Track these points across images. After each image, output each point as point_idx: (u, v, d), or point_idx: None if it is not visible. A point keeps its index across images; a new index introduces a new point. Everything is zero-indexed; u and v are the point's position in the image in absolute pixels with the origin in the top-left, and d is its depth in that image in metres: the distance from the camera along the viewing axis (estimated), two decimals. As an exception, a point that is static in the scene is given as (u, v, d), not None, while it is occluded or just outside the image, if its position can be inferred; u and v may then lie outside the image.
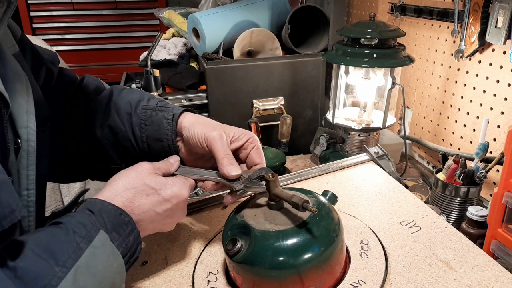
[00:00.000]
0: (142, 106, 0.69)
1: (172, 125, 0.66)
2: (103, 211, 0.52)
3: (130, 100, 0.71)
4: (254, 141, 0.65)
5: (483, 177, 0.90)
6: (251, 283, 0.57)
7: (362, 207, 0.78)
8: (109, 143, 0.70)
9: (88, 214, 0.51)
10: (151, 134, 0.67)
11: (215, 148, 0.62)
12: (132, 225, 0.54)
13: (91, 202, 0.53)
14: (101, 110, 0.71)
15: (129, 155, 0.70)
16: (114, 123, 0.69)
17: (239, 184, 0.60)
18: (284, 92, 1.41)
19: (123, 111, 0.70)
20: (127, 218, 0.53)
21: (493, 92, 1.01)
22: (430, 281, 0.59)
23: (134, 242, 0.54)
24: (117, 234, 0.51)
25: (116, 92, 0.73)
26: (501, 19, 0.93)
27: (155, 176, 0.58)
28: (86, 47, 3.14)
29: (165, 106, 0.69)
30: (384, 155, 0.94)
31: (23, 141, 0.54)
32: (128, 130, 0.69)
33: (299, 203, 0.54)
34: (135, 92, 0.74)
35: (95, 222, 0.50)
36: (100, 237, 0.49)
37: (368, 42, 1.05)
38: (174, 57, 1.80)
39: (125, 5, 3.07)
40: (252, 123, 1.15)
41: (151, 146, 0.68)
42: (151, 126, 0.67)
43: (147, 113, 0.68)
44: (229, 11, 1.54)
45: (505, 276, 0.59)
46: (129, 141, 0.69)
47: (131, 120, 0.69)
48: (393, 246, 0.66)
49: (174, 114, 0.67)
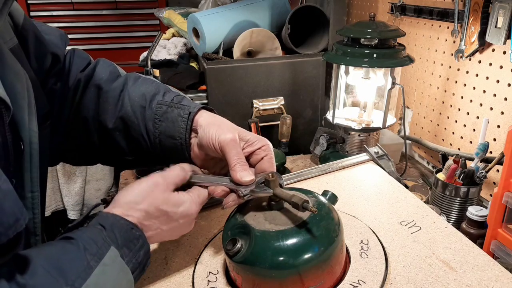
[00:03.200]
0: (157, 100, 0.67)
1: (187, 124, 0.65)
2: (114, 226, 0.52)
3: (145, 92, 0.69)
4: (268, 149, 0.63)
5: (483, 177, 0.90)
6: (251, 283, 0.57)
7: (362, 207, 0.78)
8: (120, 135, 0.68)
9: (99, 229, 0.51)
10: (165, 130, 0.66)
11: (229, 153, 0.60)
12: (142, 240, 0.54)
13: (103, 216, 0.53)
14: (114, 101, 0.69)
15: (140, 148, 0.68)
16: (127, 115, 0.67)
17: (246, 189, 0.58)
18: (284, 92, 1.41)
19: (137, 103, 0.68)
20: (138, 232, 0.54)
21: (493, 92, 1.01)
22: (430, 281, 0.59)
23: (144, 257, 0.54)
24: (127, 249, 0.52)
25: (130, 82, 0.71)
26: (501, 19, 0.93)
27: (167, 194, 0.57)
28: (86, 47, 3.13)
29: (181, 103, 0.67)
30: (384, 155, 0.94)
31: (26, 143, 0.53)
32: (141, 123, 0.67)
33: (299, 203, 0.53)
34: (150, 82, 0.71)
35: (106, 237, 0.50)
36: (110, 254, 0.49)
37: (368, 42, 1.05)
38: (174, 57, 1.80)
39: (125, 5, 3.07)
40: (252, 123, 1.15)
41: (163, 142, 0.66)
42: (165, 123, 0.66)
43: (162, 108, 0.66)
44: (229, 11, 1.54)
45: (505, 276, 0.59)
46: (141, 135, 0.67)
47: (144, 113, 0.67)
48: (393, 246, 0.66)
49: (190, 113, 0.65)
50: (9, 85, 0.51)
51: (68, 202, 1.88)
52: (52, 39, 0.69)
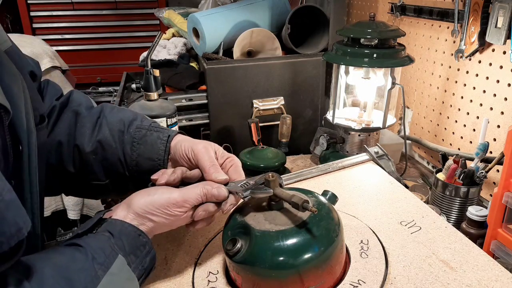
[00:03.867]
0: (136, 125, 0.71)
1: (166, 146, 0.68)
2: (122, 233, 0.53)
3: (123, 118, 0.72)
4: (234, 160, 0.66)
5: (483, 177, 0.90)
6: (251, 283, 0.57)
7: (362, 207, 0.78)
8: (96, 158, 0.70)
9: (108, 236, 0.52)
10: (143, 153, 0.69)
11: (202, 159, 0.63)
12: (149, 246, 0.56)
13: (111, 223, 0.55)
14: (91, 126, 0.71)
15: (115, 171, 0.70)
16: (105, 139, 0.69)
17: (246, 191, 0.59)
18: (284, 92, 1.40)
19: (115, 128, 0.70)
20: (145, 239, 0.56)
21: (493, 92, 1.01)
22: (430, 281, 0.59)
23: (150, 263, 0.56)
24: (134, 256, 0.53)
25: (107, 110, 0.74)
26: (501, 19, 0.93)
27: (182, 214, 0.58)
28: (86, 47, 3.13)
29: (159, 127, 0.71)
30: (384, 155, 0.94)
31: (24, 145, 0.54)
32: (118, 147, 0.69)
33: (299, 203, 0.54)
34: (127, 110, 0.75)
35: (114, 245, 0.51)
36: (118, 263, 0.50)
37: (368, 42, 1.05)
38: (174, 57, 1.80)
39: (125, 5, 3.07)
40: (252, 123, 1.14)
41: (141, 164, 0.69)
42: (143, 145, 0.69)
43: (141, 132, 0.70)
44: (229, 11, 1.54)
45: (505, 275, 0.59)
46: (118, 158, 0.69)
47: (123, 137, 0.70)
48: (393, 246, 0.66)
49: (169, 136, 0.69)
50: (6, 86, 0.51)
51: (68, 202, 1.88)
52: (29, 60, 0.70)
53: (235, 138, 1.42)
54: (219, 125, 1.41)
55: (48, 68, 1.95)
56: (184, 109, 1.41)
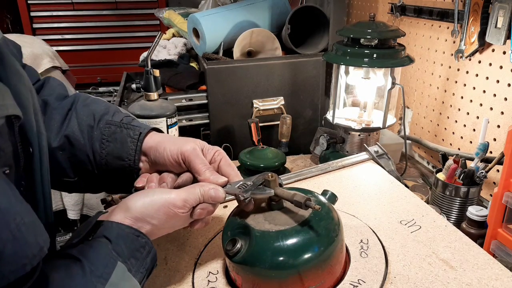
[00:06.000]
0: (106, 120, 0.66)
1: (136, 145, 0.64)
2: (120, 237, 0.51)
3: (94, 112, 0.67)
4: (221, 154, 0.64)
5: (483, 177, 0.90)
6: (251, 283, 0.57)
7: (361, 206, 0.78)
8: (64, 155, 0.65)
9: (105, 243, 0.50)
10: (112, 151, 0.64)
11: (194, 162, 0.61)
12: (149, 246, 0.54)
13: (107, 226, 0.52)
14: (60, 118, 0.66)
15: (84, 169, 0.66)
16: (73, 134, 0.65)
17: (246, 192, 0.58)
18: (284, 92, 1.41)
19: (85, 122, 0.66)
20: (144, 239, 0.53)
21: (493, 92, 1.01)
22: (430, 280, 0.59)
23: (151, 263, 0.54)
24: (134, 259, 0.51)
25: (80, 101, 0.69)
26: (501, 19, 0.93)
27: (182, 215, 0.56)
28: (86, 47, 3.14)
29: (131, 124, 0.66)
30: (384, 154, 0.94)
31: (35, 147, 0.52)
32: (87, 143, 0.65)
33: (301, 201, 0.54)
34: (100, 103, 0.70)
35: (112, 252, 0.49)
36: (117, 271, 0.48)
37: (368, 42, 1.05)
38: (174, 57, 1.80)
39: (125, 5, 3.07)
40: (252, 123, 1.15)
41: (110, 164, 0.65)
42: (113, 143, 0.64)
43: (111, 128, 0.65)
44: (229, 11, 1.54)
45: (505, 274, 0.59)
46: (86, 156, 0.65)
47: (92, 133, 0.65)
48: (393, 245, 0.66)
49: (141, 134, 0.64)
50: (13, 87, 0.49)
51: (68, 202, 1.88)
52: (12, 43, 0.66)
53: (235, 138, 1.42)
54: (219, 125, 1.41)
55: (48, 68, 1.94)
56: (184, 109, 1.41)
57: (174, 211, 0.55)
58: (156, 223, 0.54)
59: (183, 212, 0.56)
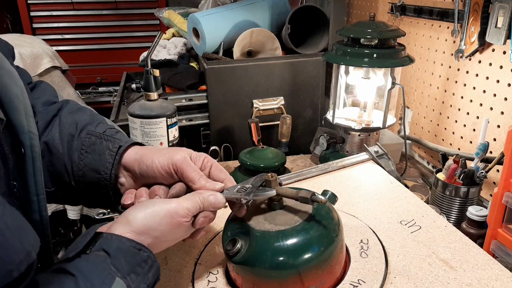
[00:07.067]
0: (88, 130, 0.63)
1: (114, 158, 0.61)
2: (120, 250, 0.48)
3: (78, 120, 0.65)
4: (210, 160, 0.62)
5: (483, 177, 0.90)
6: (251, 283, 0.57)
7: (361, 207, 0.78)
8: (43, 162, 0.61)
9: (103, 257, 0.47)
10: (90, 163, 0.62)
11: (186, 170, 0.59)
12: (151, 260, 0.51)
13: (107, 239, 0.49)
14: (43, 124, 0.64)
15: (62, 180, 0.63)
16: (53, 141, 0.62)
17: (248, 195, 0.57)
18: (284, 92, 1.41)
19: (66, 130, 0.63)
20: (146, 253, 0.50)
21: (493, 92, 1.01)
22: (430, 280, 0.59)
23: (153, 278, 0.51)
24: (135, 275, 0.48)
25: (66, 108, 0.67)
26: (501, 19, 0.93)
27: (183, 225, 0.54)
28: (86, 47, 3.14)
29: (112, 136, 0.63)
30: (384, 154, 0.94)
31: (27, 147, 0.51)
32: (65, 152, 0.62)
33: (307, 196, 0.54)
34: (86, 112, 0.67)
35: (110, 267, 0.46)
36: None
37: (368, 42, 1.05)
38: (174, 57, 1.80)
39: (125, 5, 3.07)
40: (252, 123, 1.15)
41: (87, 176, 0.62)
42: (91, 155, 0.62)
43: (91, 139, 0.62)
44: (229, 11, 1.54)
45: (505, 275, 0.59)
46: (63, 165, 0.62)
47: (72, 142, 0.63)
48: (393, 245, 0.66)
49: (121, 147, 0.62)
50: (4, 87, 0.48)
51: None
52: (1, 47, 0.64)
53: (235, 138, 1.42)
54: (219, 125, 1.41)
55: (48, 68, 1.94)
56: (184, 109, 1.41)
57: (178, 220, 0.53)
58: (159, 235, 0.52)
59: (187, 221, 0.54)
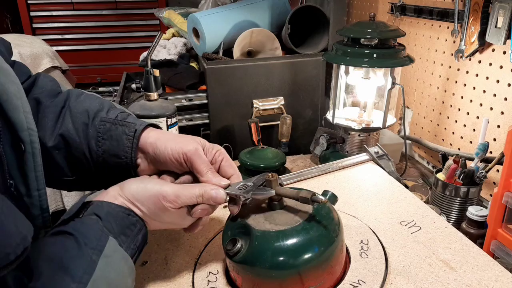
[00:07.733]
0: (101, 117, 0.64)
1: (132, 142, 0.63)
2: (110, 214, 0.52)
3: (88, 108, 0.65)
4: (222, 154, 0.63)
5: (483, 177, 0.90)
6: (251, 283, 0.57)
7: (362, 207, 0.78)
8: (60, 154, 0.64)
9: (95, 219, 0.51)
10: (109, 149, 0.63)
11: (196, 162, 0.60)
12: (140, 224, 0.55)
13: (97, 205, 0.53)
14: (53, 117, 0.65)
15: (82, 168, 0.65)
16: (68, 132, 0.63)
17: (247, 193, 0.57)
18: (284, 92, 1.41)
19: (79, 120, 0.64)
20: (135, 218, 0.54)
21: (493, 92, 1.01)
22: (430, 281, 0.59)
23: (142, 240, 0.55)
24: (124, 236, 0.52)
25: (73, 97, 0.67)
26: (501, 19, 0.93)
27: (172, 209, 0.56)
28: (86, 47, 3.14)
29: (126, 120, 0.64)
30: (384, 155, 0.94)
31: (27, 143, 0.53)
32: (83, 142, 0.63)
33: (308, 196, 0.54)
34: (94, 99, 0.68)
35: (103, 228, 0.50)
36: (110, 245, 0.50)
37: (368, 42, 1.05)
38: (174, 57, 1.80)
39: (125, 5, 3.07)
40: (252, 123, 1.14)
41: (108, 162, 0.64)
42: (109, 141, 0.63)
43: (105, 126, 0.64)
44: (229, 11, 1.54)
45: (505, 276, 0.59)
46: (83, 154, 0.64)
47: (87, 131, 0.64)
48: (393, 246, 0.66)
49: (136, 130, 0.63)
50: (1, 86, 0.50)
51: (68, 202, 1.88)
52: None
53: (235, 138, 1.42)
54: (219, 125, 1.41)
55: (48, 68, 1.94)
56: (184, 109, 1.41)
57: (163, 203, 0.55)
58: (146, 211, 0.55)
59: (172, 207, 0.55)
